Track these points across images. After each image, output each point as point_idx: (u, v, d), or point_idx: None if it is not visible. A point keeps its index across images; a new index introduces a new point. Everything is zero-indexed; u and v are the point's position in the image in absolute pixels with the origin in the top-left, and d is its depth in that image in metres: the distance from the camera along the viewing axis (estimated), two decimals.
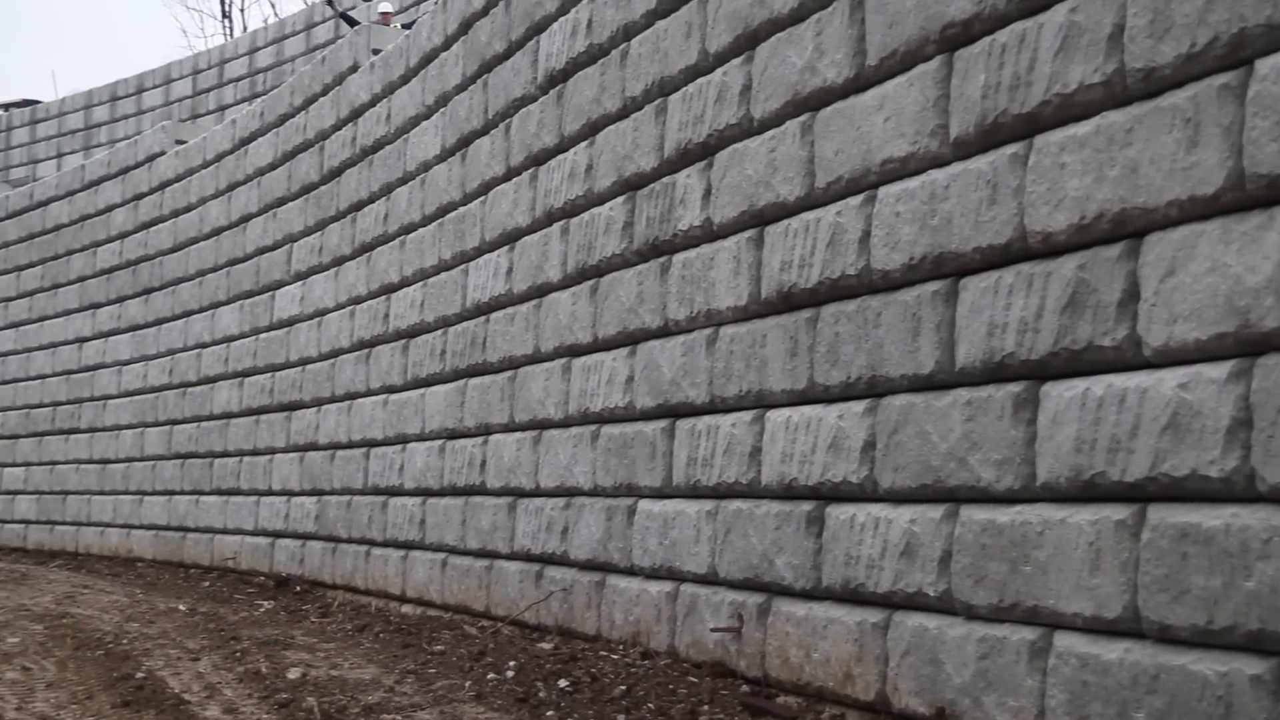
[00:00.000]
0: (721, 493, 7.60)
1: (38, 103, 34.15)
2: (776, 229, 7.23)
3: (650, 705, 6.90)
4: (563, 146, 9.71)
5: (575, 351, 9.35)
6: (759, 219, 7.41)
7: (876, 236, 6.41)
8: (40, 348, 20.63)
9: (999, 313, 5.62)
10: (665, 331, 8.28)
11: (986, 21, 5.82)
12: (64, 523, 19.61)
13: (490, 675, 8.02)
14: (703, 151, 7.98)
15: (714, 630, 7.45)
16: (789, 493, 6.99)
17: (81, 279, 19.91)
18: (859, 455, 6.43)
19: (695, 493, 7.85)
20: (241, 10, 64.11)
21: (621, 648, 8.24)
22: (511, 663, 8.27)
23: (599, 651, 8.27)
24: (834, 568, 6.56)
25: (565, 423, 9.40)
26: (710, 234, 7.87)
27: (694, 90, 8.08)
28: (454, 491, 11.01)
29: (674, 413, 8.15)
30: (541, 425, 9.73)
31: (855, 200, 6.61)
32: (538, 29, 10.17)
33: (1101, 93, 5.18)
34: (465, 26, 11.45)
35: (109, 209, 19.51)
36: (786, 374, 7.05)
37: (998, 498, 5.62)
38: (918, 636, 5.94)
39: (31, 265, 21.12)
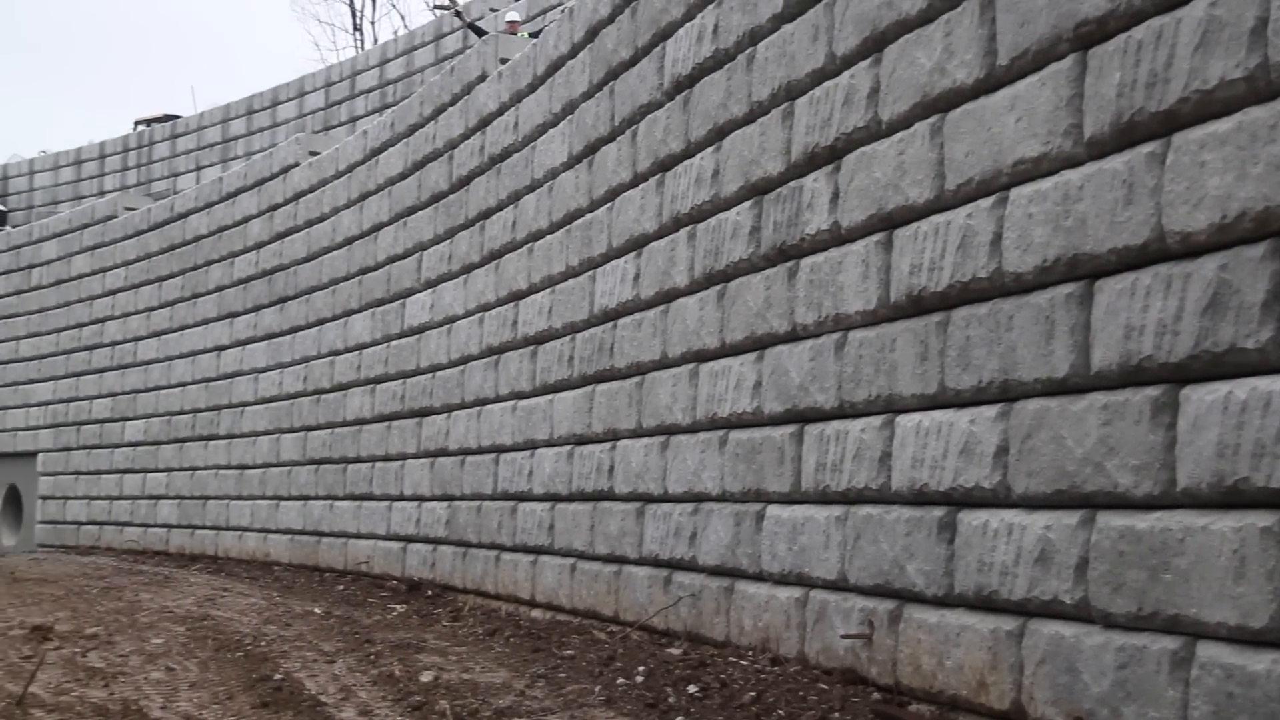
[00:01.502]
0: (851, 498, 7.54)
1: (177, 117, 35.02)
2: (905, 232, 7.16)
3: (780, 712, 6.87)
4: (689, 152, 9.71)
5: (702, 357, 9.35)
6: (887, 222, 7.35)
7: (1008, 238, 6.31)
8: (180, 356, 21.13)
9: (1136, 315, 5.50)
10: (793, 336, 8.24)
11: (1122, 18, 5.70)
12: (204, 527, 20.07)
13: (620, 680, 8.05)
14: (830, 155, 7.93)
15: (844, 637, 7.39)
16: (920, 498, 6.92)
17: (219, 288, 20.36)
18: (991, 460, 6.34)
19: (824, 498, 7.80)
20: (372, 23, 65.34)
21: (750, 654, 8.21)
22: (641, 668, 8.28)
23: (728, 657, 8.25)
24: (966, 574, 6.47)
25: (693, 428, 9.39)
26: (838, 238, 7.82)
27: (821, 94, 8.04)
28: (582, 497, 11.07)
29: (802, 418, 8.10)
30: (669, 430, 9.73)
31: (986, 202, 6.52)
32: (663, 35, 10.19)
33: (1244, 88, 5.05)
34: (592, 34, 11.51)
35: (245, 220, 19.93)
36: (916, 378, 6.97)
37: (1136, 504, 5.50)
38: (1054, 645, 5.84)
39: (172, 275, 21.64)
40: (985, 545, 6.34)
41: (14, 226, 31.44)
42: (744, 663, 8.04)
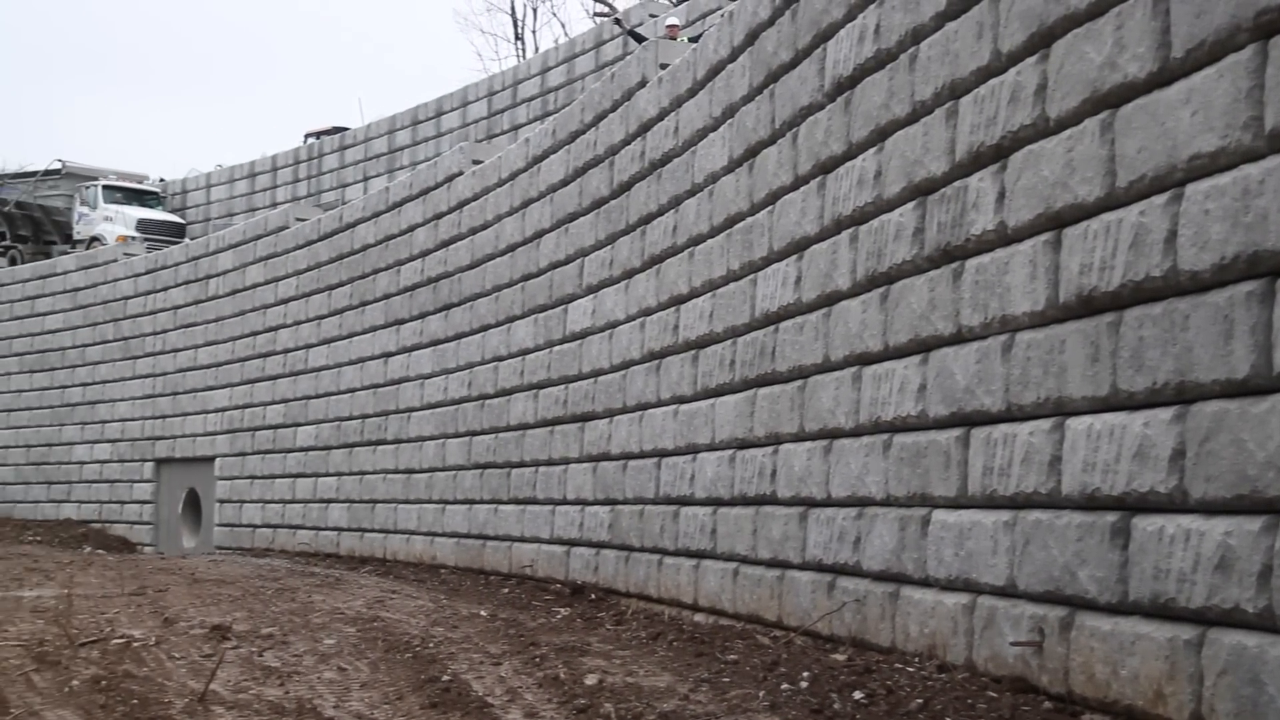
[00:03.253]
0: (1019, 503, 7.40)
1: (345, 130, 35.82)
2: (1075, 231, 7.01)
3: None
4: (850, 153, 9.63)
5: (865, 360, 9.26)
6: (1056, 221, 7.19)
7: (1184, 236, 6.13)
8: (349, 363, 21.60)
9: None
10: (958, 338, 8.11)
11: None
12: (373, 530, 20.47)
13: (784, 685, 8.00)
14: (995, 154, 7.80)
15: (1013, 644, 7.25)
16: (1091, 503, 6.75)
17: (386, 296, 20.76)
18: (1167, 464, 6.16)
19: (992, 503, 7.66)
20: (534, 32, 65.90)
21: (917, 660, 8.10)
22: (805, 673, 8.23)
23: (893, 664, 8.15)
24: (1141, 581, 6.30)
25: (856, 432, 9.31)
26: (1004, 238, 7.68)
27: (986, 92, 7.91)
28: (744, 501, 11.04)
29: (968, 421, 7.98)
30: (832, 434, 9.66)
31: (1160, 199, 6.34)
32: (824, 36, 10.12)
33: None
34: (751, 37, 11.49)
35: (411, 229, 20.30)
36: (1087, 380, 6.81)
37: None
38: (1235, 655, 5.65)
39: (341, 284, 22.13)
40: (1161, 551, 6.17)
41: (192, 238, 32.50)
42: (910, 669, 7.93)
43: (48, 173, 37.71)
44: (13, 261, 35.21)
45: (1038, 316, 7.30)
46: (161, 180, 38.55)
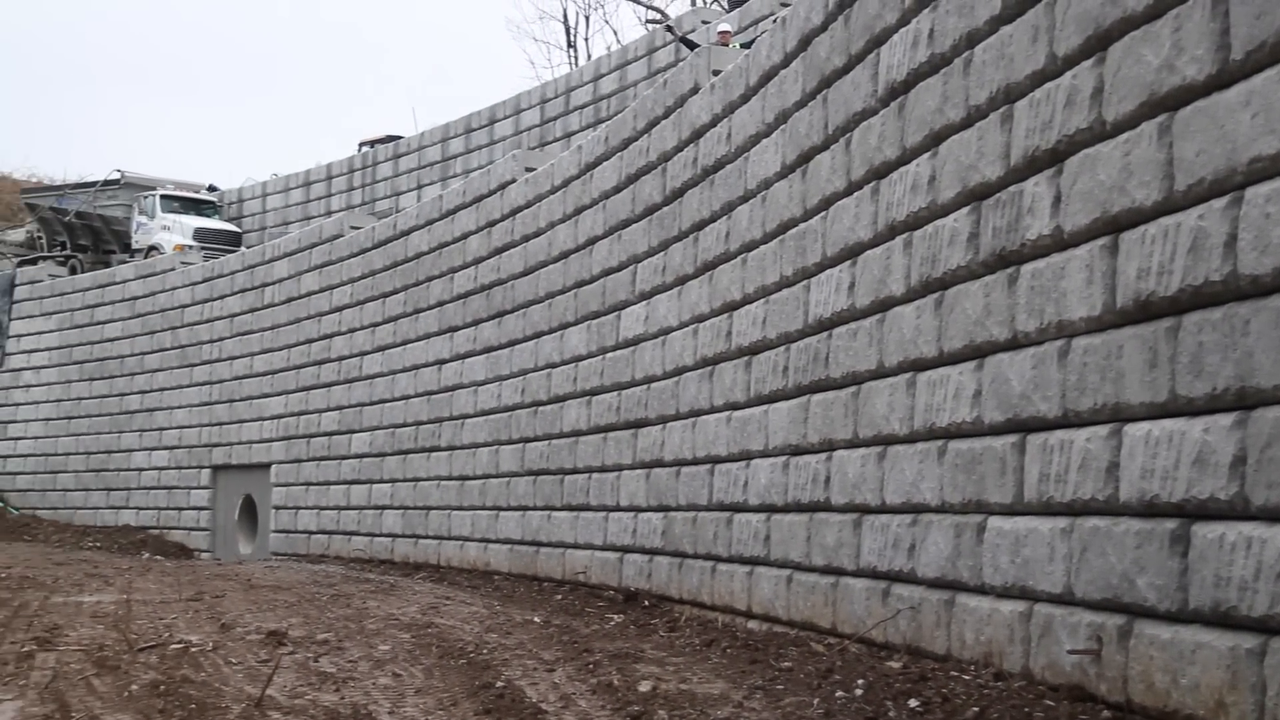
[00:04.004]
0: (1076, 510, 7.33)
1: (399, 138, 36.02)
2: (1132, 235, 6.94)
3: None
4: (904, 159, 9.59)
5: (920, 366, 9.21)
6: (1113, 225, 7.13)
7: (1244, 240, 6.06)
8: (404, 370, 21.71)
9: None
10: (1014, 344, 8.06)
11: None
12: (427, 536, 20.56)
13: (839, 693, 7.96)
14: (1051, 158, 7.74)
15: (1071, 653, 7.18)
16: (1150, 510, 6.68)
17: (440, 304, 20.85)
18: (1227, 471, 6.08)
19: (1048, 510, 7.60)
20: (586, 39, 66.10)
21: (973, 668, 8.05)
22: (860, 681, 8.19)
23: (949, 671, 8.10)
24: (1202, 589, 6.22)
25: (910, 438, 9.26)
26: (1060, 243, 7.62)
27: (1041, 95, 7.85)
28: (798, 508, 11.00)
29: (1024, 427, 7.92)
30: (886, 441, 9.61)
31: (1219, 203, 6.27)
32: (878, 41, 10.09)
33: None
34: (804, 43, 11.46)
35: (464, 236, 20.38)
36: (1145, 386, 6.74)
37: None
38: None
39: (395, 292, 22.25)
40: (1222, 559, 6.09)
41: (248, 247, 32.79)
42: (966, 677, 7.88)
43: (107, 183, 38.13)
44: (73, 271, 35.64)
45: (1095, 322, 7.24)
46: (213, 188, 38.87)
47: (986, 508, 8.25)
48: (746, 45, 16.42)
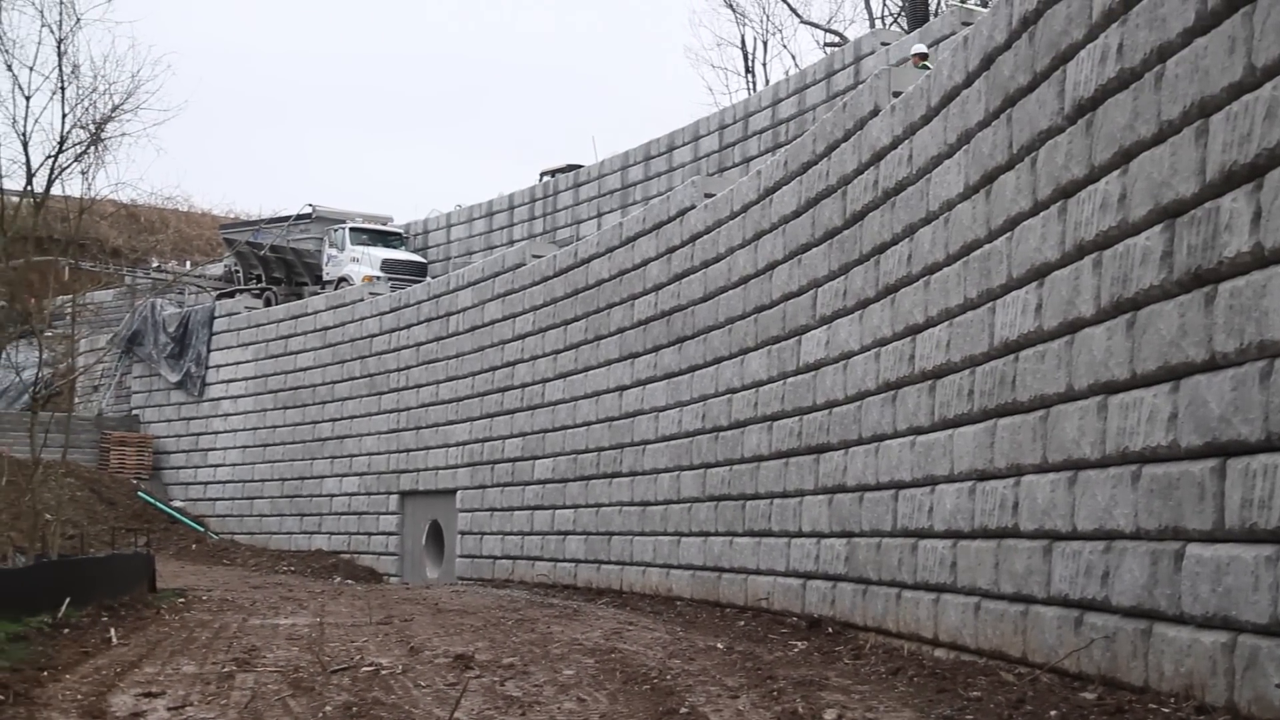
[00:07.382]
0: None
1: (580, 167, 36.42)
2: None
3: None
4: (1093, 177, 9.36)
5: (1111, 388, 8.96)
6: None
7: None
8: (585, 396, 21.91)
9: None
10: (1212, 365, 7.79)
11: None
12: (609, 562, 20.67)
13: None
14: (1250, 173, 7.48)
15: (1279, 686, 6.88)
16: None
17: (620, 330, 21.00)
18: None
19: (1251, 536, 7.31)
20: (764, 64, 66.08)
21: (1172, 701, 7.78)
22: (1053, 712, 7.98)
23: (1147, 704, 7.84)
24: None
25: (1102, 463, 9.01)
26: (1261, 260, 7.35)
27: (1239, 108, 7.59)
28: (985, 534, 10.78)
29: (1224, 451, 7.64)
30: (1076, 465, 9.37)
31: None
32: (1063, 58, 9.88)
33: None
34: (987, 62, 11.29)
35: (644, 263, 20.51)
36: None
37: None
38: None
39: (576, 319, 22.49)
40: None
41: (433, 277, 33.48)
42: (1165, 710, 7.62)
43: (299, 217, 39.34)
44: (268, 303, 36.82)
45: None
46: (391, 220, 39.80)
47: (1185, 534, 7.98)
48: (925, 65, 16.22)
